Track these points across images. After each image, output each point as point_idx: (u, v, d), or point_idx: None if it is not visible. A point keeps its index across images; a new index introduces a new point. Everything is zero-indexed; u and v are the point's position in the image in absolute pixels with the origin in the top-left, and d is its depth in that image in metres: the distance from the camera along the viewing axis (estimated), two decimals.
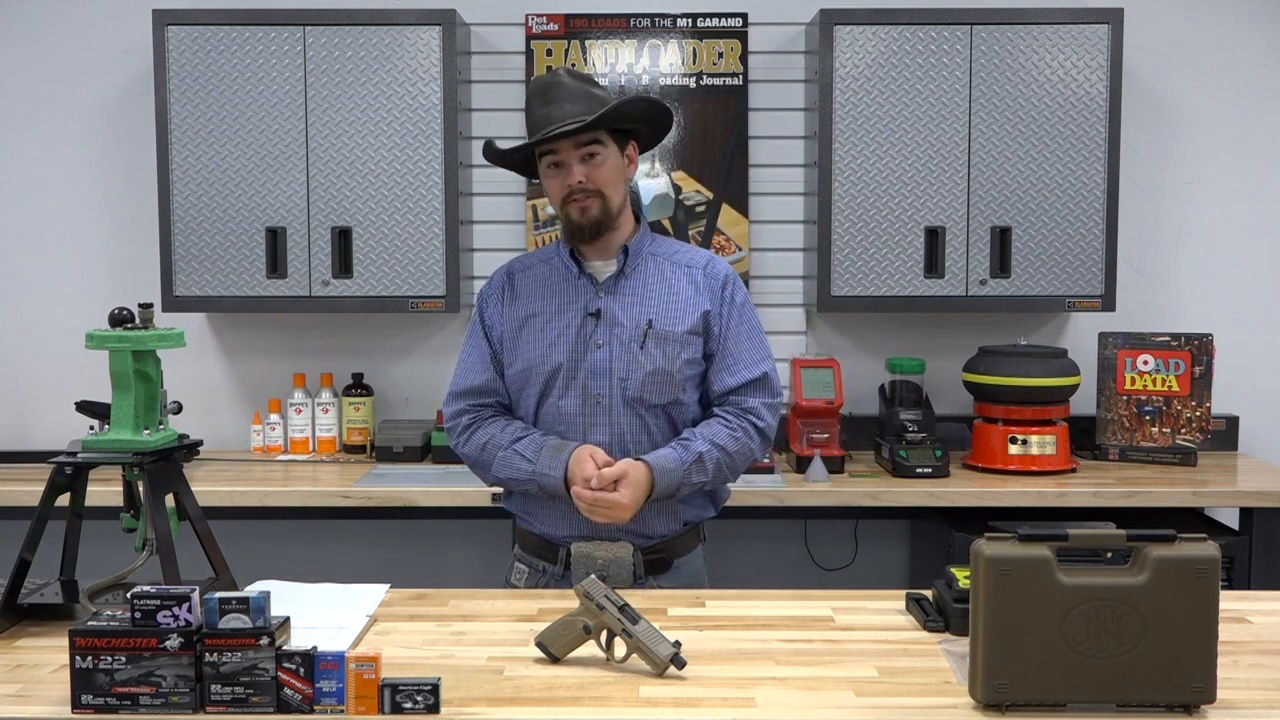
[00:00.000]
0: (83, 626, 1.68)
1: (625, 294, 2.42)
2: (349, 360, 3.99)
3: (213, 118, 3.66)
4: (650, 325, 2.38)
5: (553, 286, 2.45)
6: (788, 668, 1.87)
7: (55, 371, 3.95)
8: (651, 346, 2.37)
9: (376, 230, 3.68)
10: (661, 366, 2.37)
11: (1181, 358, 3.70)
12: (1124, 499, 3.39)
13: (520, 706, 1.71)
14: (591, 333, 2.39)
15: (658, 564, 2.42)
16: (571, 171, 2.35)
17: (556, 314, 2.42)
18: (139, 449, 2.03)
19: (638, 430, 2.39)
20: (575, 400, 2.39)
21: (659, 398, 2.39)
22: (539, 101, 2.35)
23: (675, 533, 2.44)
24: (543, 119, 2.34)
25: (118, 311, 2.05)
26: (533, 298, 2.46)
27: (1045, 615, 1.65)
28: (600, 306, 2.40)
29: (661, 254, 2.48)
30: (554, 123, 2.31)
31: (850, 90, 3.66)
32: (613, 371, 2.38)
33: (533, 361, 2.41)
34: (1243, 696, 1.74)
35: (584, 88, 2.36)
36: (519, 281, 2.50)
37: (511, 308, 2.47)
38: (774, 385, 2.46)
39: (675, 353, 2.39)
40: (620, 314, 2.40)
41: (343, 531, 3.97)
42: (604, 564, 2.37)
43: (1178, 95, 3.98)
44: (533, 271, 2.50)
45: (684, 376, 2.40)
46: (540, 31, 3.93)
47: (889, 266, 3.70)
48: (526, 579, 2.48)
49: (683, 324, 2.40)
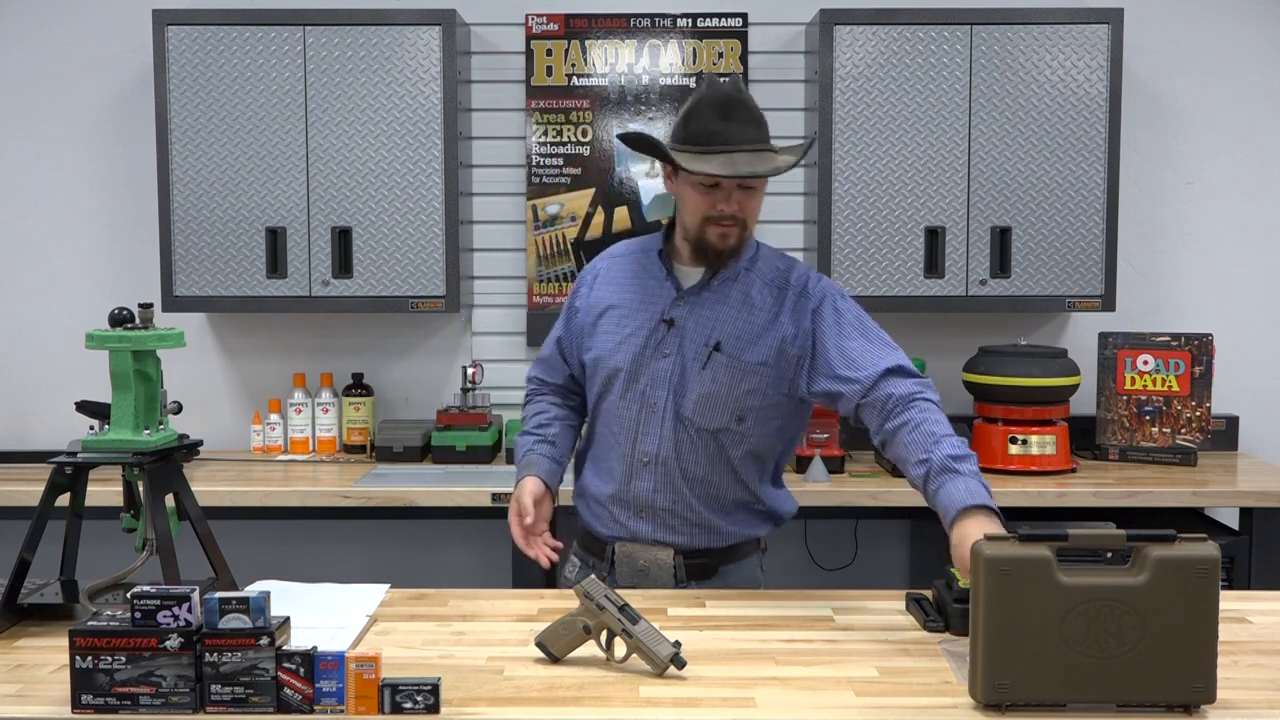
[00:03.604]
0: (83, 626, 1.68)
1: (702, 308, 2.32)
2: (349, 360, 3.99)
3: (213, 118, 3.65)
4: (717, 347, 2.28)
5: (639, 281, 2.39)
6: (788, 668, 1.87)
7: (55, 371, 3.95)
8: (714, 370, 2.28)
9: (376, 230, 3.68)
10: (714, 392, 2.28)
11: (1181, 358, 3.70)
12: (1124, 499, 3.39)
13: (520, 706, 1.71)
14: (661, 340, 2.32)
15: (701, 569, 2.36)
16: (729, 198, 2.24)
17: (634, 312, 2.36)
18: (139, 449, 2.03)
19: (686, 447, 2.31)
20: (633, 404, 2.33)
21: (707, 422, 2.30)
22: (715, 113, 2.22)
23: (721, 547, 2.38)
24: (718, 135, 2.21)
25: (118, 311, 2.05)
26: (617, 287, 2.40)
27: (1045, 615, 1.65)
28: (674, 316, 2.32)
29: (758, 269, 2.35)
30: (732, 143, 2.20)
31: (850, 90, 3.66)
32: (671, 384, 2.31)
33: (601, 353, 2.37)
34: (1243, 696, 1.74)
35: (759, 109, 2.26)
36: (614, 265, 2.44)
37: (598, 292, 2.42)
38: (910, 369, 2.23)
39: (736, 381, 2.28)
40: (691, 328, 2.31)
41: (343, 531, 3.97)
42: (645, 565, 2.36)
43: (1178, 95, 3.98)
44: (630, 258, 2.43)
45: (743, 406, 2.29)
46: (540, 31, 3.93)
47: (889, 266, 3.70)
48: (578, 572, 2.46)
49: (752, 353, 2.28)
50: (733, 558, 2.40)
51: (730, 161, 2.19)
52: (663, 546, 2.35)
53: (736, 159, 2.20)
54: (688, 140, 2.24)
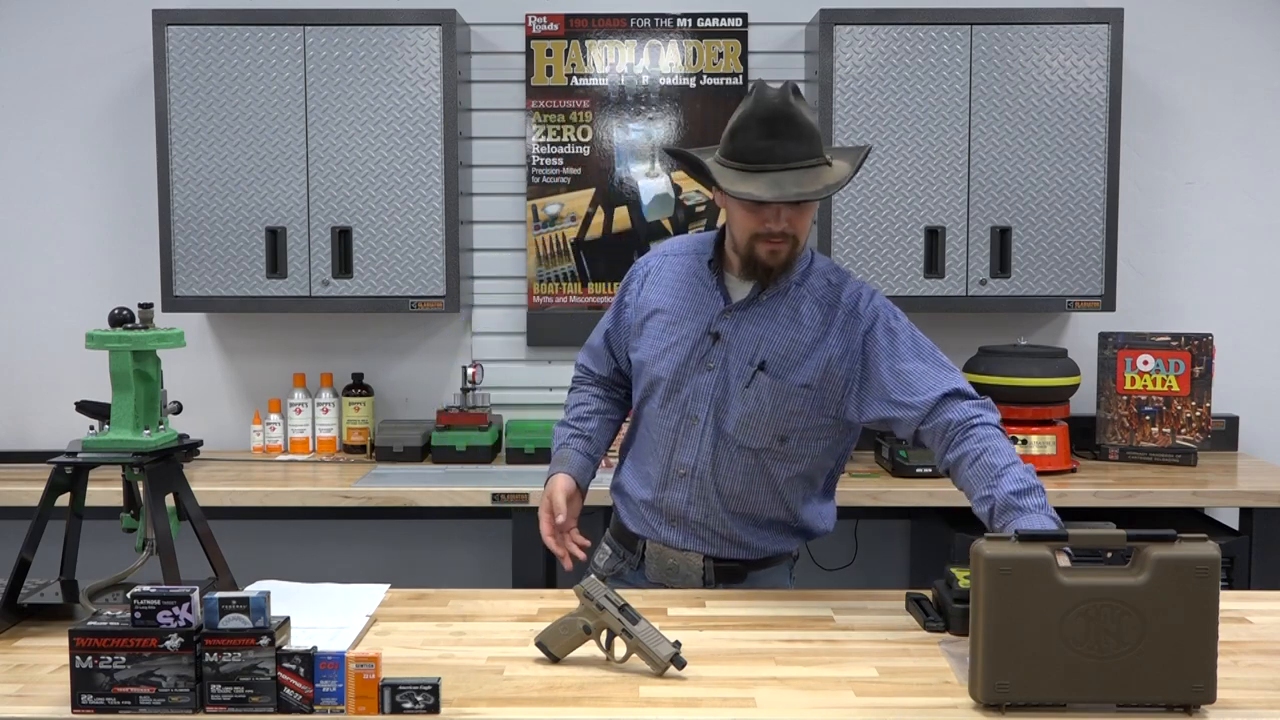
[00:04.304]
0: (83, 626, 1.68)
1: (749, 323, 2.25)
2: (349, 360, 3.99)
3: (213, 118, 3.65)
4: (762, 366, 2.22)
5: (689, 287, 2.33)
6: (788, 668, 1.87)
7: (55, 371, 3.95)
8: (757, 388, 2.22)
9: (376, 230, 3.68)
10: (758, 411, 2.23)
11: (1181, 358, 3.70)
12: (1124, 499, 3.39)
13: (520, 706, 1.71)
14: (706, 353, 2.27)
15: (730, 573, 2.34)
16: (778, 217, 2.15)
17: (682, 320, 2.30)
18: (139, 449, 2.03)
19: (724, 463, 2.28)
20: (673, 415, 2.30)
21: (749, 440, 2.25)
22: (761, 130, 2.10)
23: (749, 558, 2.36)
24: (764, 153, 2.10)
25: (118, 311, 2.05)
26: (667, 289, 2.35)
27: (1045, 615, 1.65)
28: (721, 330, 2.27)
29: (809, 284, 2.27)
30: (777, 160, 2.09)
31: (850, 90, 3.66)
32: (713, 399, 2.26)
33: (645, 358, 2.34)
34: (1243, 696, 1.74)
35: (809, 122, 2.12)
36: (667, 265, 2.38)
37: (648, 293, 2.38)
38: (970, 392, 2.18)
39: (780, 402, 2.23)
40: (736, 344, 2.25)
41: (343, 531, 3.97)
42: (674, 564, 2.36)
43: (1178, 95, 3.98)
44: (682, 259, 2.37)
45: (786, 427, 2.24)
46: (540, 31, 3.93)
47: (889, 266, 3.70)
48: (608, 560, 2.46)
49: (797, 374, 2.22)
50: (763, 565, 2.38)
51: (776, 182, 2.09)
52: (692, 552, 2.34)
53: (783, 179, 2.09)
54: (733, 156, 2.13)
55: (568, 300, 3.98)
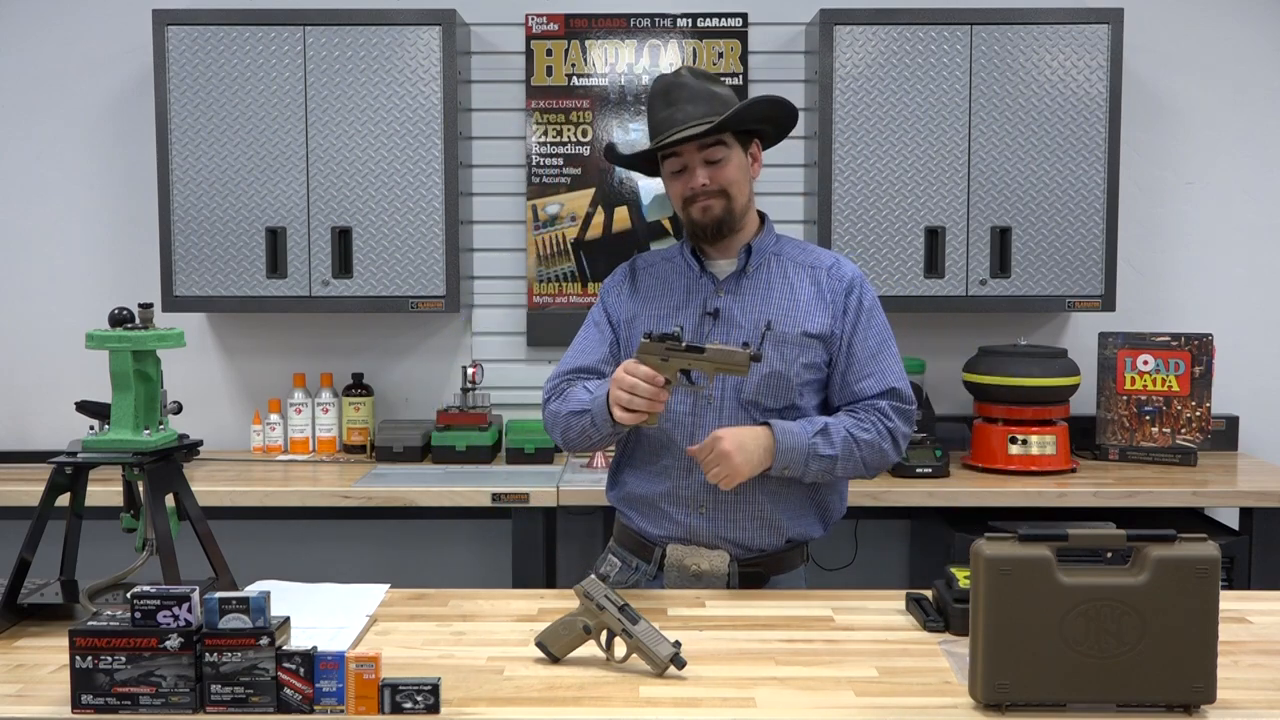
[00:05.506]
0: (83, 626, 1.68)
1: (745, 294, 2.36)
2: (349, 360, 3.99)
3: (213, 118, 3.65)
4: (769, 326, 2.30)
5: (673, 283, 2.41)
6: (788, 668, 1.87)
7: (55, 371, 3.95)
8: (769, 348, 2.29)
9: (376, 230, 3.68)
10: (778, 369, 2.30)
11: (1181, 358, 3.70)
12: (1124, 499, 3.39)
13: (520, 706, 1.71)
14: (708, 332, 2.33)
15: (753, 578, 2.35)
16: (694, 175, 2.31)
17: (674, 311, 2.37)
18: (139, 449, 2.03)
19: None
20: (686, 399, 2.32)
21: (774, 401, 2.32)
22: (661, 103, 2.32)
23: (776, 548, 2.37)
24: (665, 121, 2.30)
25: (118, 311, 2.05)
26: (652, 293, 2.42)
27: (1045, 615, 1.65)
28: (719, 306, 2.35)
29: (785, 254, 2.42)
30: (676, 125, 2.28)
31: (850, 90, 3.66)
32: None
33: None
34: (1243, 696, 1.74)
35: (706, 87, 2.32)
36: (640, 277, 2.46)
37: (631, 300, 2.43)
38: (905, 396, 2.36)
39: (793, 356, 2.32)
40: (739, 314, 2.34)
41: (343, 531, 3.97)
42: (697, 573, 2.34)
43: (1178, 95, 3.98)
44: (654, 269, 2.46)
45: (801, 381, 2.33)
46: (540, 31, 3.93)
47: (889, 266, 3.70)
48: (618, 572, 2.43)
49: (802, 326, 2.33)
50: (783, 567, 2.39)
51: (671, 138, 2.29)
52: (719, 552, 2.33)
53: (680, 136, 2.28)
54: (650, 134, 2.34)
55: (568, 300, 3.98)
